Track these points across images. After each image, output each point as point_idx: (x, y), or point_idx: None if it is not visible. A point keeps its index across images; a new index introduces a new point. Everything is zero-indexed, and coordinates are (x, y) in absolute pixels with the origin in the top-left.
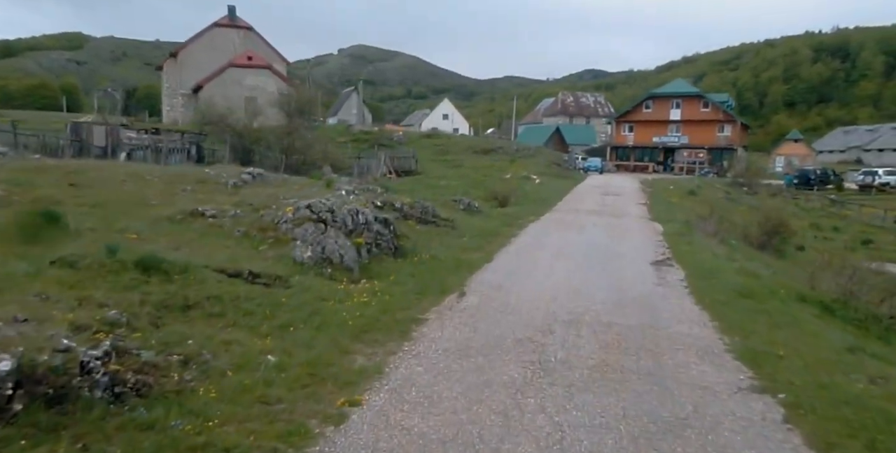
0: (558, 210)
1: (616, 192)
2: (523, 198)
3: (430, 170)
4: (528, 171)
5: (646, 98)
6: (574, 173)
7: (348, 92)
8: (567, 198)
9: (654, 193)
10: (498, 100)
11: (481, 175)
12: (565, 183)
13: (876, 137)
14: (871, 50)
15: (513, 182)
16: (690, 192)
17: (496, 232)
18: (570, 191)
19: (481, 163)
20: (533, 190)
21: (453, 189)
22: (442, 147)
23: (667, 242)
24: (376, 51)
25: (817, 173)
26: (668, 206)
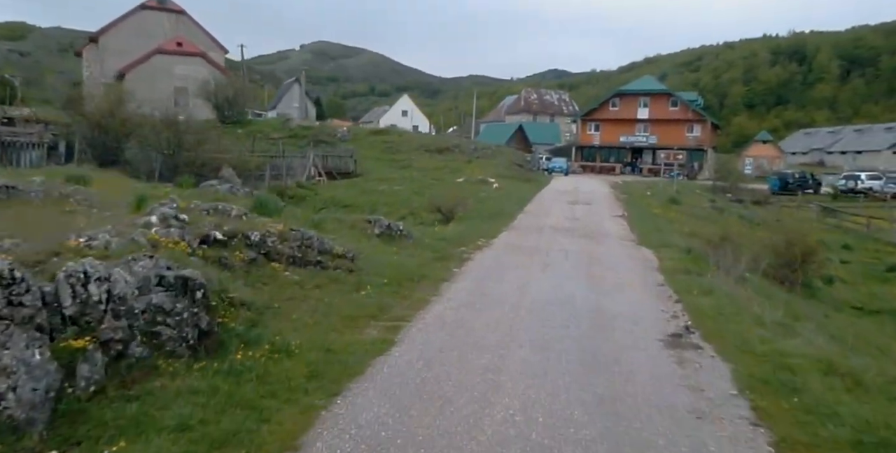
0: (517, 227)
1: (586, 200)
2: (476, 208)
3: (373, 172)
4: (487, 173)
5: (612, 95)
6: (538, 175)
7: (289, 83)
8: (529, 209)
9: (629, 200)
10: (462, 98)
11: (431, 178)
12: (528, 187)
13: (838, 139)
14: (827, 53)
15: (466, 187)
16: (672, 201)
17: (419, 275)
18: (533, 199)
19: (434, 164)
20: (489, 197)
21: (393, 196)
22: (391, 145)
23: (672, 288)
24: (339, 47)
25: (795, 177)
26: (653, 220)
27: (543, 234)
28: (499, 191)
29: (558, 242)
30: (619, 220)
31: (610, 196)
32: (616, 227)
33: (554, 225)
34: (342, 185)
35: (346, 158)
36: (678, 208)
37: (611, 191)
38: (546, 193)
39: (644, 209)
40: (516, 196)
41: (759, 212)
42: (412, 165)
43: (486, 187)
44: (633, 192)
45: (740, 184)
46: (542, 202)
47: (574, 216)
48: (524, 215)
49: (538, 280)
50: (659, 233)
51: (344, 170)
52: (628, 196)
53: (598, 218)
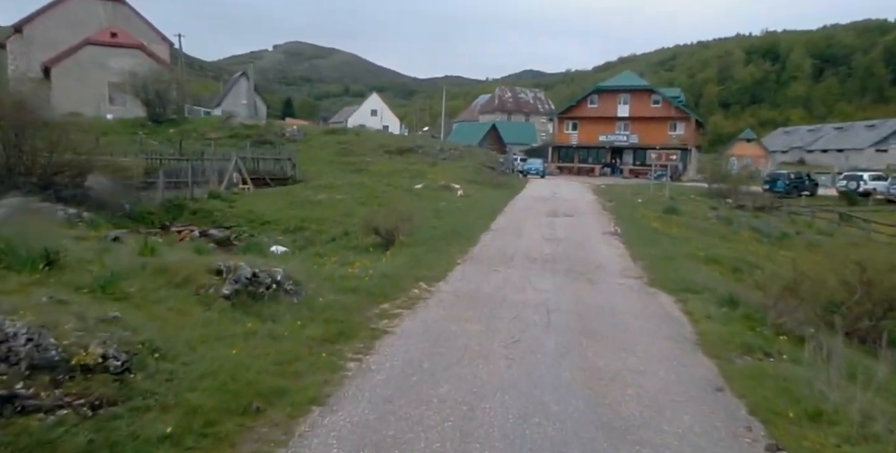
0: (478, 258)
1: (568, 210)
2: (430, 226)
3: (319, 177)
4: (452, 178)
5: (591, 92)
6: (511, 178)
7: (236, 78)
8: (498, 225)
9: (619, 210)
10: (436, 98)
11: (385, 184)
12: (499, 194)
13: (818, 137)
14: (800, 52)
15: (426, 195)
16: (669, 210)
17: (258, 394)
18: (504, 210)
19: (392, 167)
20: (450, 209)
21: (331, 209)
22: (346, 146)
23: (746, 405)
24: (312, 47)
25: (791, 178)
26: (655, 240)
27: (514, 268)
28: (464, 200)
29: (534, 286)
30: (613, 241)
31: (595, 204)
32: (612, 253)
33: (529, 251)
34: (272, 195)
35: (284, 161)
36: (679, 220)
37: (595, 198)
38: (520, 202)
39: (639, 222)
40: (484, 206)
41: (771, 221)
42: (367, 169)
43: (449, 195)
44: (621, 199)
45: (741, 186)
46: (514, 215)
47: (555, 235)
48: (490, 235)
49: (496, 394)
50: (672, 262)
51: (280, 176)
52: (616, 204)
53: (585, 237)
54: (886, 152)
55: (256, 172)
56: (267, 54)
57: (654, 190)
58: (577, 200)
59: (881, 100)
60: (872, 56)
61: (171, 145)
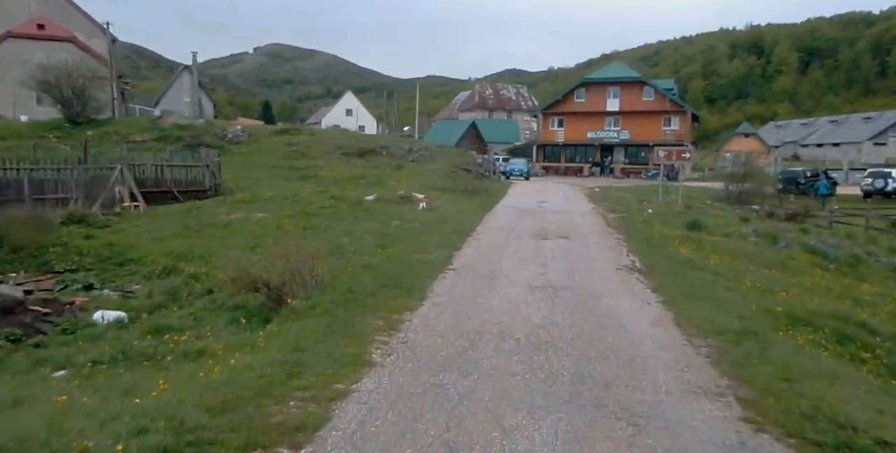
0: (413, 348)
1: (562, 228)
2: (362, 264)
3: (255, 186)
4: (417, 185)
5: (577, 85)
6: (491, 183)
7: (179, 72)
8: (463, 263)
9: (628, 226)
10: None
11: (329, 196)
12: (473, 206)
13: (812, 131)
14: (785, 46)
15: (376, 210)
16: (694, 226)
17: None
18: (476, 231)
19: (349, 172)
20: (403, 232)
21: (240, 234)
22: (297, 148)
23: None
24: (294, 49)
25: (807, 175)
26: (699, 282)
27: (476, 379)
28: (425, 216)
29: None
30: (637, 287)
31: (594, 216)
32: (645, 319)
33: (506, 322)
34: (170, 215)
35: (200, 169)
36: (711, 241)
37: (592, 208)
38: (499, 215)
39: (661, 246)
40: (449, 226)
41: (823, 236)
42: (317, 175)
43: (408, 210)
44: (624, 207)
45: (766, 188)
46: (489, 239)
47: (547, 278)
48: (448, 282)
49: None
50: (755, 342)
51: (196, 188)
52: (620, 214)
53: (594, 281)
54: (885, 145)
55: (161, 184)
56: (247, 57)
57: (664, 193)
58: (571, 211)
59: (868, 92)
60: (858, 48)
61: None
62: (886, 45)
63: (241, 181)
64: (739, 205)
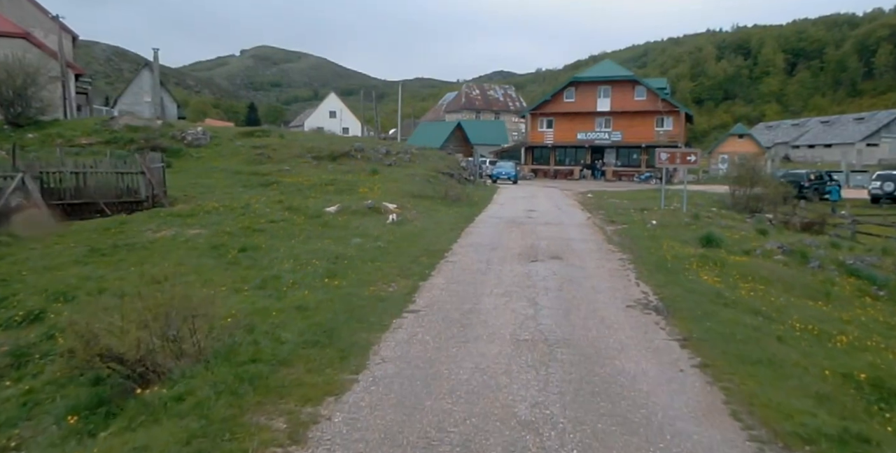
0: None
1: (554, 246)
2: (296, 303)
3: (208, 194)
4: (391, 192)
5: (567, 84)
6: (476, 188)
7: (140, 70)
8: (429, 302)
9: (632, 243)
10: (406, 100)
11: (285, 207)
12: (452, 217)
13: (803, 132)
14: (772, 47)
15: (337, 226)
16: (709, 241)
17: None
18: (452, 251)
19: (316, 178)
20: (362, 253)
21: (160, 258)
22: (263, 151)
23: None
24: (281, 52)
25: (811, 178)
26: (735, 326)
27: None
28: (393, 233)
29: None
30: (658, 337)
31: (590, 229)
32: (686, 405)
33: (479, 420)
34: (84, 232)
35: (135, 176)
36: (734, 262)
37: (587, 218)
38: (481, 230)
39: (677, 271)
40: (420, 245)
41: (854, 251)
42: (280, 181)
43: (374, 223)
44: (623, 216)
45: (778, 193)
46: (467, 264)
47: (538, 329)
48: (399, 340)
49: None
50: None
51: (130, 199)
52: (620, 226)
53: (600, 329)
54: (878, 146)
55: (82, 194)
56: (234, 59)
57: (655, 199)
58: (564, 223)
59: (855, 93)
60: (844, 50)
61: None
62: (872, 46)
63: (193, 189)
64: (749, 212)
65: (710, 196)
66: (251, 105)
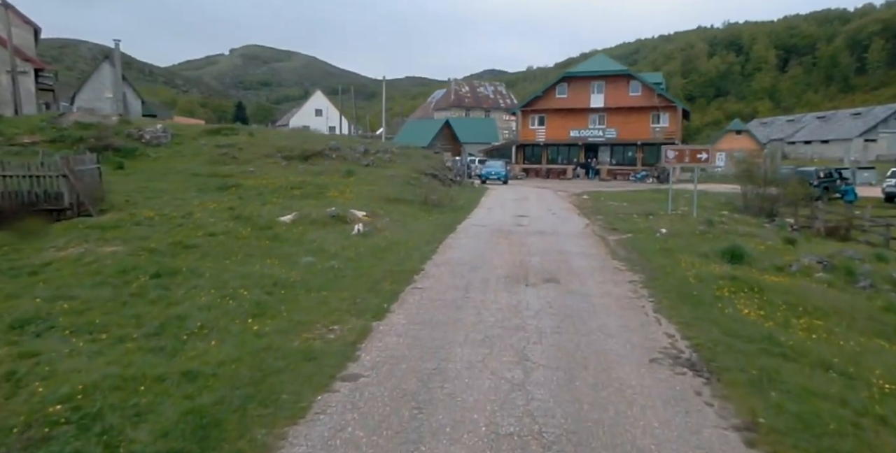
0: None
1: (549, 264)
2: (188, 365)
3: (155, 200)
4: (363, 196)
5: (559, 80)
6: (461, 190)
7: (101, 63)
8: (375, 357)
9: (644, 261)
10: (396, 99)
11: (233, 215)
12: (429, 226)
13: (799, 128)
14: (763, 43)
15: (289, 240)
16: (732, 256)
17: None
18: (424, 272)
19: (284, 180)
20: (312, 276)
21: (41, 288)
22: (229, 150)
23: None
24: (271, 51)
25: (820, 176)
26: (826, 407)
27: None
28: (356, 248)
29: None
30: (707, 420)
31: (590, 239)
32: None
33: None
34: None
35: (54, 180)
36: (768, 283)
37: (586, 224)
38: (462, 243)
39: (706, 302)
40: (385, 264)
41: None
42: (241, 184)
43: (333, 238)
44: (626, 223)
45: (797, 194)
46: (438, 292)
47: (527, 409)
48: (318, 437)
49: None
50: None
51: (51, 206)
52: (624, 235)
53: (620, 405)
54: (875, 142)
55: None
56: (223, 58)
57: (657, 201)
58: (560, 231)
59: (848, 89)
60: (836, 45)
61: None
62: (864, 41)
63: (141, 194)
64: (765, 216)
65: (714, 197)
66: (239, 104)
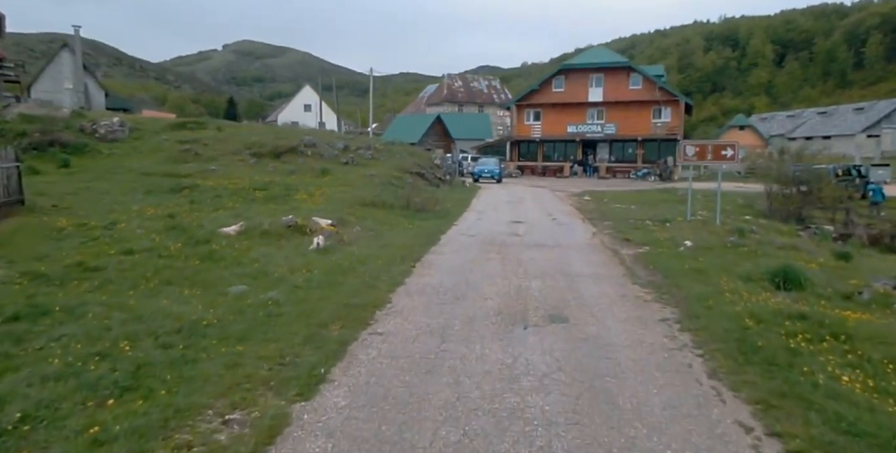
0: None
1: (553, 294)
2: None
3: (92, 203)
4: (332, 200)
5: (556, 72)
6: (451, 191)
7: (58, 51)
8: None
9: (674, 287)
10: (389, 95)
11: (169, 225)
12: (405, 238)
13: (799, 123)
14: (760, 38)
15: (226, 259)
16: (785, 279)
17: None
18: (387, 307)
19: (249, 180)
20: (229, 321)
21: None
22: (192, 147)
23: None
24: (264, 46)
25: (839, 174)
26: None
27: None
28: (308, 269)
29: None
30: None
31: (601, 254)
32: None
33: None
34: None
35: None
36: (853, 323)
37: (593, 233)
38: (443, 263)
39: (783, 362)
40: (341, 296)
41: None
42: (197, 185)
43: (283, 255)
44: (639, 230)
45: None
46: (404, 341)
47: None
48: None
49: None
50: None
51: None
52: (640, 247)
53: None
54: (879, 137)
55: None
56: (216, 54)
57: (667, 202)
58: (562, 244)
59: (845, 84)
60: (834, 40)
61: None
62: (861, 35)
63: (77, 196)
64: (797, 221)
65: (730, 197)
66: (230, 99)
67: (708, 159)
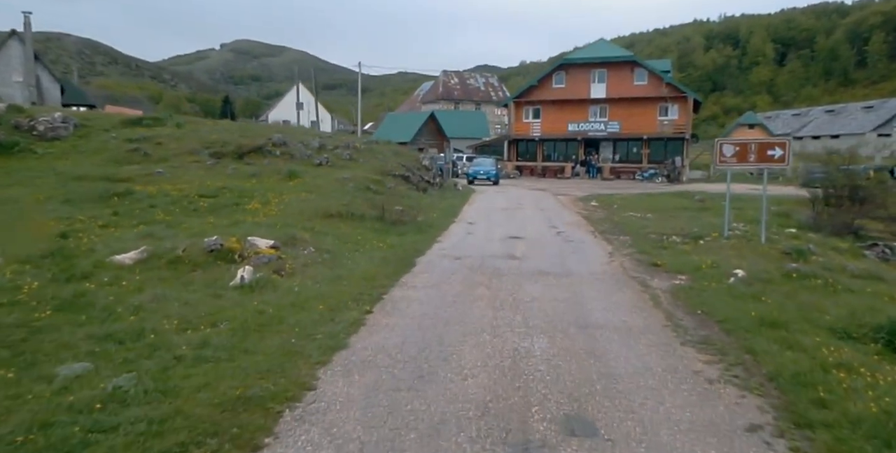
0: None
1: (575, 375)
2: None
3: None
4: (294, 211)
5: (556, 67)
6: (439, 196)
7: (5, 40)
8: None
9: (771, 371)
10: (387, 94)
11: (49, 251)
12: (371, 264)
13: (806, 122)
14: (761, 36)
15: (92, 307)
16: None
17: None
18: (288, 429)
19: (200, 185)
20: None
21: None
22: (143, 146)
23: None
24: (262, 46)
25: (871, 176)
26: None
27: None
28: (209, 323)
29: None
30: None
31: (626, 289)
32: None
33: None
34: None
35: None
36: None
37: (609, 255)
38: (412, 303)
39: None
40: (245, 374)
41: None
42: (133, 192)
43: (191, 295)
44: (671, 255)
45: None
46: None
47: None
48: None
49: None
50: None
51: None
52: (676, 278)
53: None
54: (890, 136)
55: None
56: (213, 53)
57: (689, 209)
58: (572, 270)
59: (847, 82)
60: (835, 38)
61: None
62: (864, 34)
63: None
64: (848, 233)
65: (757, 204)
66: (225, 98)
67: (750, 160)
